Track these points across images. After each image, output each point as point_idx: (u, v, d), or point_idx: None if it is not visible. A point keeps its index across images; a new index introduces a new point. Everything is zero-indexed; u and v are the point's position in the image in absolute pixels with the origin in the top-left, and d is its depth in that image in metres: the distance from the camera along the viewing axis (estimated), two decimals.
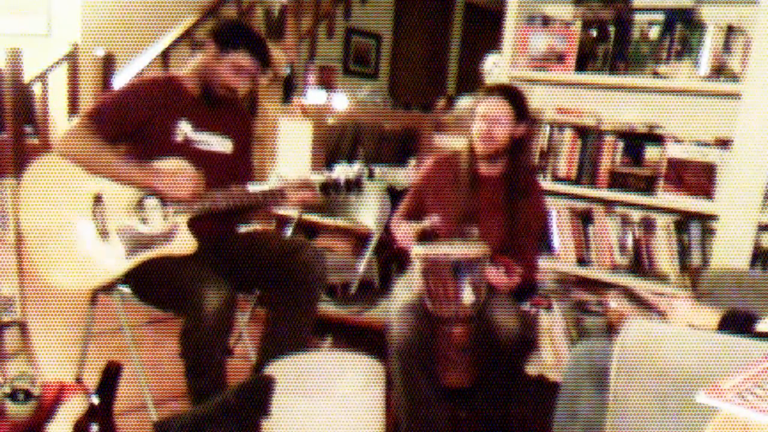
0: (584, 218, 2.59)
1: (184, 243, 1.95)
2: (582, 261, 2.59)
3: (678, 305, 1.51)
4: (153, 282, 1.92)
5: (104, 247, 1.91)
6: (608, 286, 2.52)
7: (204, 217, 1.98)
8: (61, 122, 4.68)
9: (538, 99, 2.80)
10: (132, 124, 1.94)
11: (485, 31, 6.48)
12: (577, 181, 2.54)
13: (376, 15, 6.25)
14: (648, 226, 2.47)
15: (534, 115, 2.64)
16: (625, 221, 2.53)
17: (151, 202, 1.94)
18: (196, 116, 2.03)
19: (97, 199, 1.92)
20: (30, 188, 1.92)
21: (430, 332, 1.91)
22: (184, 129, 2.01)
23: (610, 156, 2.48)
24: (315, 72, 4.39)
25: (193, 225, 1.97)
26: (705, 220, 2.37)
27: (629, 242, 2.50)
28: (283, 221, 3.08)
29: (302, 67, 4.93)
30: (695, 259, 2.37)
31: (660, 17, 2.37)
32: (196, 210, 1.95)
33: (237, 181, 2.07)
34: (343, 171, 2.01)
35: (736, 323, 1.42)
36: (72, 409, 1.49)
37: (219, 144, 2.09)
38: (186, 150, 2.00)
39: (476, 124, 2.11)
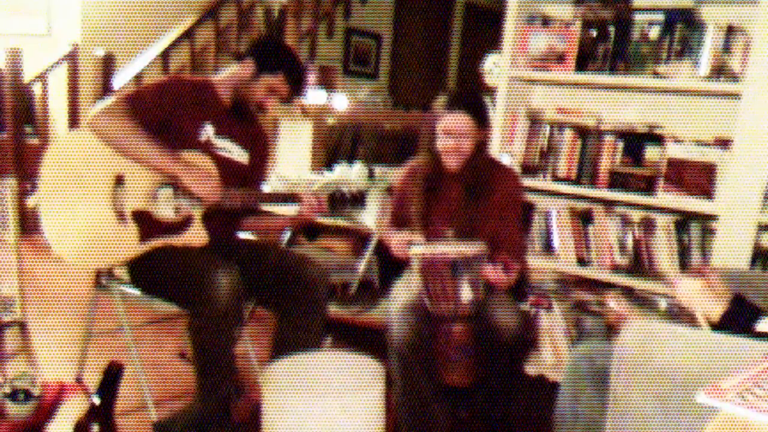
0: (584, 218, 2.59)
1: (197, 235, 1.98)
2: (582, 261, 2.59)
3: (686, 281, 1.50)
4: (162, 271, 1.93)
5: (119, 228, 1.91)
6: (608, 286, 2.52)
7: (216, 214, 1.99)
8: (61, 122, 4.68)
9: (538, 99, 2.80)
10: (163, 115, 1.96)
11: (485, 31, 6.47)
12: (577, 181, 2.54)
13: (376, 15, 6.24)
14: (648, 226, 2.47)
15: (534, 115, 2.65)
16: (625, 221, 2.53)
17: (166, 193, 1.95)
18: (221, 123, 2.06)
19: (119, 181, 1.92)
20: (55, 159, 1.91)
21: (430, 332, 1.91)
22: (208, 131, 2.04)
23: (610, 156, 2.48)
24: (315, 72, 4.39)
25: (205, 221, 1.98)
26: (705, 220, 2.37)
27: (629, 242, 2.50)
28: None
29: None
30: (695, 259, 2.37)
31: (660, 17, 2.37)
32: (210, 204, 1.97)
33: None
34: (343, 172, 2.03)
35: (740, 314, 1.42)
36: (72, 409, 1.49)
37: (237, 153, 2.12)
38: (206, 151, 2.02)
39: (440, 139, 2.08)
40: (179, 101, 1.99)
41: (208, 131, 2.04)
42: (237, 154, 2.12)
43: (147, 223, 1.93)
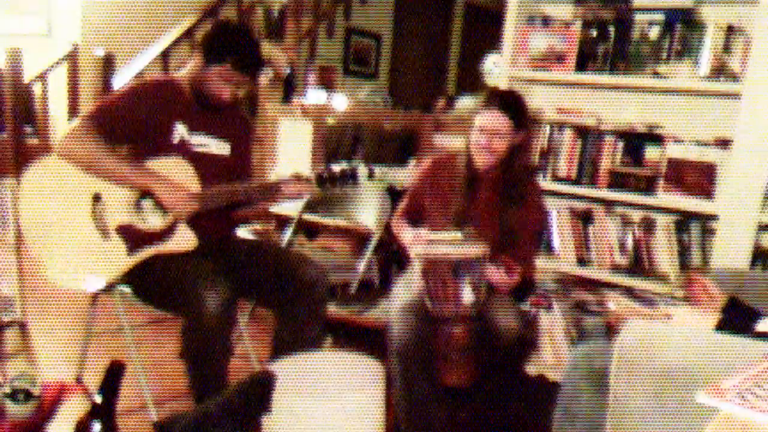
0: (584, 218, 2.59)
1: (184, 239, 1.96)
2: (582, 261, 2.59)
3: (676, 314, 1.51)
4: (153, 282, 1.92)
5: (106, 245, 1.91)
6: (608, 286, 2.52)
7: (202, 215, 1.98)
8: (61, 122, 4.68)
9: (538, 99, 2.80)
10: (131, 125, 1.94)
11: (485, 31, 6.47)
12: (577, 181, 2.54)
13: (376, 15, 6.25)
14: (648, 226, 2.47)
15: (534, 115, 2.64)
16: (625, 221, 2.53)
17: (149, 202, 1.94)
18: (192, 119, 2.03)
19: (97, 199, 1.92)
20: (30, 189, 1.92)
21: (430, 332, 1.91)
22: (180, 131, 2.01)
23: (610, 156, 2.48)
24: (315, 72, 4.39)
25: (193, 222, 1.97)
26: (705, 220, 2.37)
27: (629, 242, 2.50)
28: (283, 221, 3.08)
29: (302, 67, 4.93)
30: (695, 259, 2.37)
31: (660, 17, 2.37)
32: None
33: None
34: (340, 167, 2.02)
35: (735, 320, 1.42)
36: (72, 409, 1.49)
37: (216, 146, 2.08)
38: (182, 151, 1.99)
39: (474, 135, 2.07)
40: (147, 104, 1.96)
41: (180, 131, 2.00)
42: (216, 147, 2.08)
43: (132, 236, 1.92)
